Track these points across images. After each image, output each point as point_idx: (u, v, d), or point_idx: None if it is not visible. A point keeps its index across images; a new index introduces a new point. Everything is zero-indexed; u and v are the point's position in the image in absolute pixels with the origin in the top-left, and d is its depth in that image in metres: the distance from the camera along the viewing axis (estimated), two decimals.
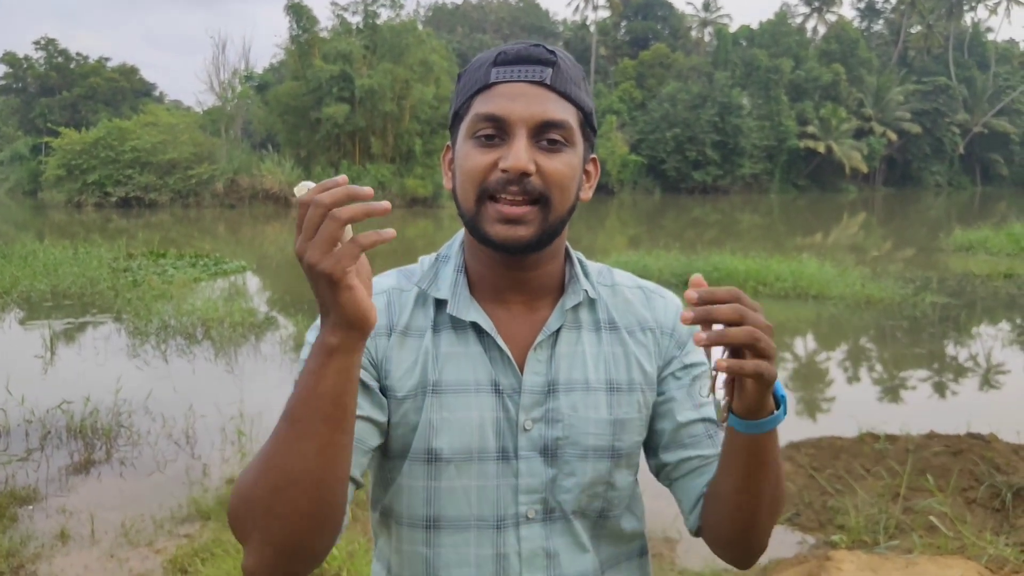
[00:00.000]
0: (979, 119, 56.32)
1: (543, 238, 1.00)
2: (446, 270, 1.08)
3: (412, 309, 1.07)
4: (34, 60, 56.40)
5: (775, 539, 4.53)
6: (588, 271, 1.12)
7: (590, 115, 1.04)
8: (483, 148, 0.99)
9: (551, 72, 0.99)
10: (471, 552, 1.03)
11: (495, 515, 1.04)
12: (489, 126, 0.98)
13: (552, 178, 0.98)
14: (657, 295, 1.15)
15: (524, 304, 1.07)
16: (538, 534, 1.04)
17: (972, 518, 4.22)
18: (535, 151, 0.98)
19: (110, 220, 27.49)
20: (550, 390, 1.05)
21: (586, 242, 20.08)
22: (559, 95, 0.99)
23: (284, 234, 24.16)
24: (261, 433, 5.60)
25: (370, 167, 35.61)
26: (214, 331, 9.02)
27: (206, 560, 3.75)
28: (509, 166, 0.96)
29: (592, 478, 1.05)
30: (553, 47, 1.01)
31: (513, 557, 1.03)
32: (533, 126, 0.97)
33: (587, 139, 1.05)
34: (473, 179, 0.99)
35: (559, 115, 0.98)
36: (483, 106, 0.99)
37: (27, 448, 5.42)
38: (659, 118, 45.71)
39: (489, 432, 1.03)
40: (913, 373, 8.27)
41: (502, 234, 0.98)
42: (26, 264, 13.17)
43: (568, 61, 1.02)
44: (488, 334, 1.04)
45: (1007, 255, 16.68)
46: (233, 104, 39.90)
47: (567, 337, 1.07)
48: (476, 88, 1.00)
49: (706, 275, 12.32)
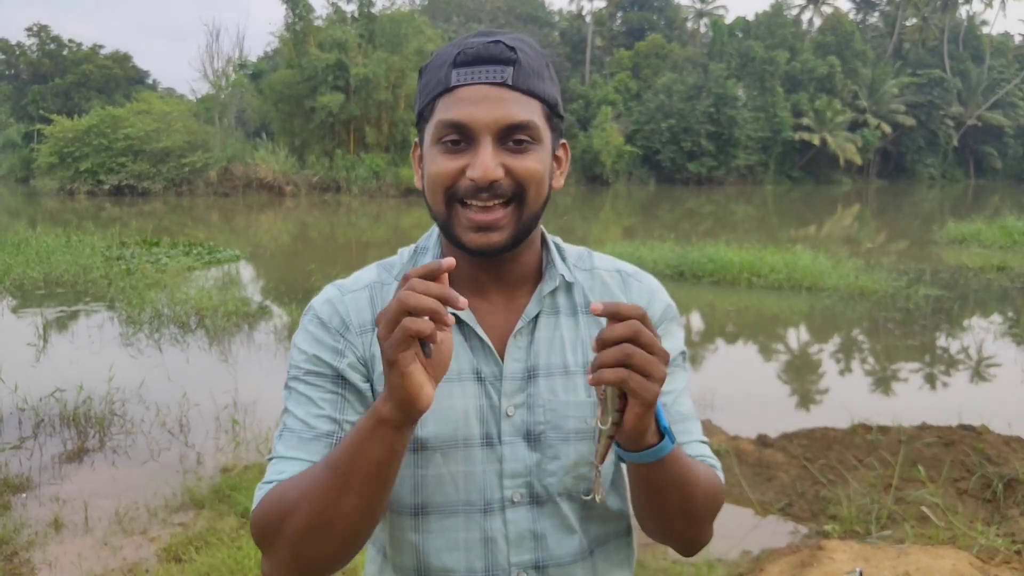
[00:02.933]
0: (973, 112, 56.38)
1: (518, 238, 1.01)
2: (424, 262, 1.09)
3: None
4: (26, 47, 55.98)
5: (768, 529, 4.56)
6: (566, 255, 1.13)
7: (556, 105, 1.04)
8: (449, 155, 0.99)
9: (512, 71, 0.98)
10: (459, 537, 1.05)
11: (482, 500, 1.05)
12: (453, 132, 0.98)
13: (522, 176, 0.99)
14: (634, 278, 1.16)
15: (503, 294, 1.09)
16: (524, 517, 1.06)
17: (963, 509, 4.24)
18: (502, 154, 0.98)
19: (103, 208, 27.37)
20: (530, 375, 1.06)
21: (581, 232, 20.07)
22: (522, 93, 0.99)
23: (278, 223, 24.10)
24: (255, 422, 5.61)
25: (365, 156, 35.50)
26: (208, 320, 9.00)
27: (200, 548, 3.75)
28: (476, 176, 0.96)
29: (575, 460, 1.06)
30: (513, 39, 1.00)
31: (501, 540, 1.05)
32: (497, 130, 0.97)
33: (554, 129, 1.04)
34: (441, 185, 0.99)
35: (523, 116, 0.98)
36: (446, 112, 0.98)
37: (20, 436, 5.41)
38: (654, 109, 45.64)
39: (473, 419, 1.04)
40: (906, 365, 8.31)
41: (476, 241, 0.99)
42: (19, 252, 13.12)
43: (530, 53, 1.01)
44: (468, 324, 1.05)
45: (1000, 248, 16.74)
46: (227, 92, 39.70)
47: (546, 323, 1.08)
48: (438, 91, 1.00)
49: (700, 266, 12.36)
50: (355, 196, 33.50)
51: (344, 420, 1.02)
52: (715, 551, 3.85)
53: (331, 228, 22.90)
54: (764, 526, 4.27)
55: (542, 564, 1.07)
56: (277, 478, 0.99)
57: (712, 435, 5.35)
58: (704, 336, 9.64)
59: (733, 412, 6.07)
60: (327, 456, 0.93)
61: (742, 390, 7.01)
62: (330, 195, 34.28)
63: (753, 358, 8.68)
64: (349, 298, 1.08)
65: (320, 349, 1.04)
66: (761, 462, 4.90)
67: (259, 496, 0.99)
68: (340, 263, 13.72)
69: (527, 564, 1.06)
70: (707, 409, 6.14)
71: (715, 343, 9.37)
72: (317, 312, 1.07)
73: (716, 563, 3.74)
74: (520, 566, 1.06)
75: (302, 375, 1.04)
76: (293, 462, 1.00)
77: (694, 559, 3.74)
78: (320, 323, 1.06)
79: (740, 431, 5.44)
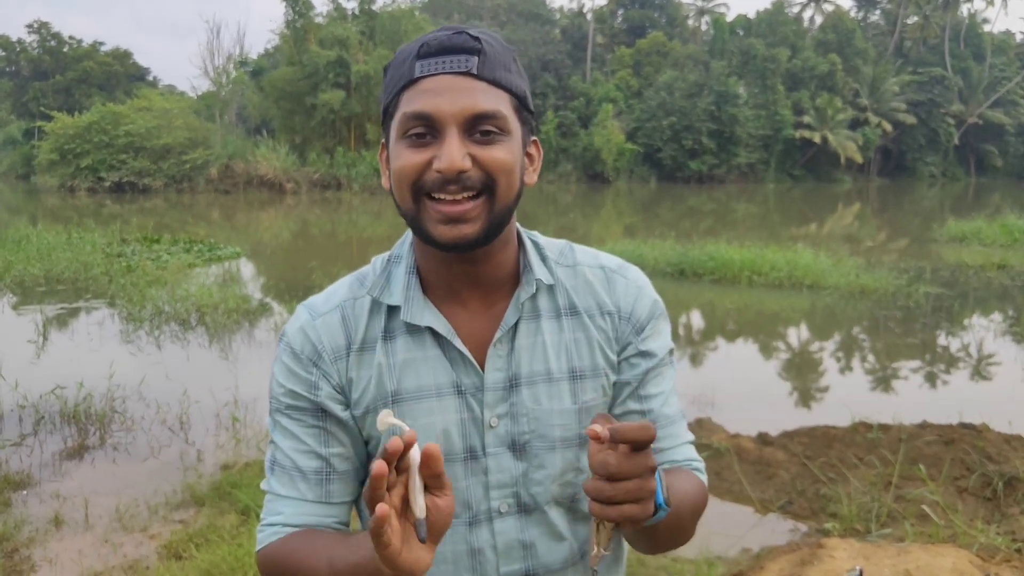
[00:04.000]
0: (974, 110, 56.30)
1: (490, 231, 0.97)
2: (398, 272, 1.05)
3: (368, 320, 1.05)
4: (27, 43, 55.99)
5: (768, 527, 4.55)
6: (546, 254, 1.09)
7: (524, 98, 1.00)
8: (415, 148, 0.95)
9: (477, 60, 0.94)
10: (446, 549, 1.04)
11: (467, 512, 1.04)
12: (418, 124, 0.94)
13: (491, 167, 0.95)
14: (618, 275, 1.11)
15: (481, 300, 1.05)
16: (512, 527, 1.05)
17: (963, 507, 4.24)
18: (469, 144, 0.94)
19: (104, 205, 27.36)
20: (512, 385, 1.03)
21: (582, 231, 20.07)
22: (488, 83, 0.95)
23: (279, 220, 24.09)
24: (255, 419, 5.61)
25: (365, 153, 35.49)
26: (208, 317, 9.00)
27: (200, 545, 3.75)
28: (443, 168, 0.92)
29: (562, 467, 1.05)
30: (478, 32, 0.98)
31: (488, 551, 1.04)
32: (463, 120, 0.93)
33: (525, 123, 1.01)
34: (408, 179, 0.96)
35: (489, 105, 0.94)
36: (410, 104, 0.95)
37: (21, 433, 5.41)
38: (655, 106, 45.58)
39: (454, 434, 1.02)
40: (906, 363, 8.30)
41: (446, 235, 0.95)
42: (19, 249, 13.12)
43: (496, 45, 0.98)
44: (446, 338, 1.02)
45: (1000, 246, 16.72)
46: (228, 89, 39.70)
47: (526, 328, 1.05)
48: (402, 84, 0.96)
49: (701, 264, 12.34)
50: (356, 193, 33.49)
51: (330, 454, 1.03)
52: (715, 549, 3.85)
53: (332, 225, 22.89)
54: (764, 524, 4.27)
55: (532, 572, 1.06)
56: (276, 520, 1.03)
57: (713, 433, 5.35)
58: (705, 334, 9.64)
59: (733, 410, 6.07)
60: (331, 563, 0.94)
61: (742, 388, 7.01)
62: (331, 192, 34.28)
63: (754, 356, 8.68)
64: (320, 323, 1.04)
65: (295, 383, 1.03)
66: (761, 460, 4.90)
67: (261, 540, 1.03)
68: (341, 260, 13.71)
69: (517, 574, 1.06)
70: (707, 407, 6.14)
71: (716, 341, 9.37)
72: (289, 341, 1.05)
73: (716, 561, 3.74)
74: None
75: (283, 409, 1.04)
76: (288, 501, 1.03)
77: (694, 556, 3.74)
78: (293, 354, 1.04)
79: (741, 429, 5.44)
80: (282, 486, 1.03)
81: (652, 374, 1.08)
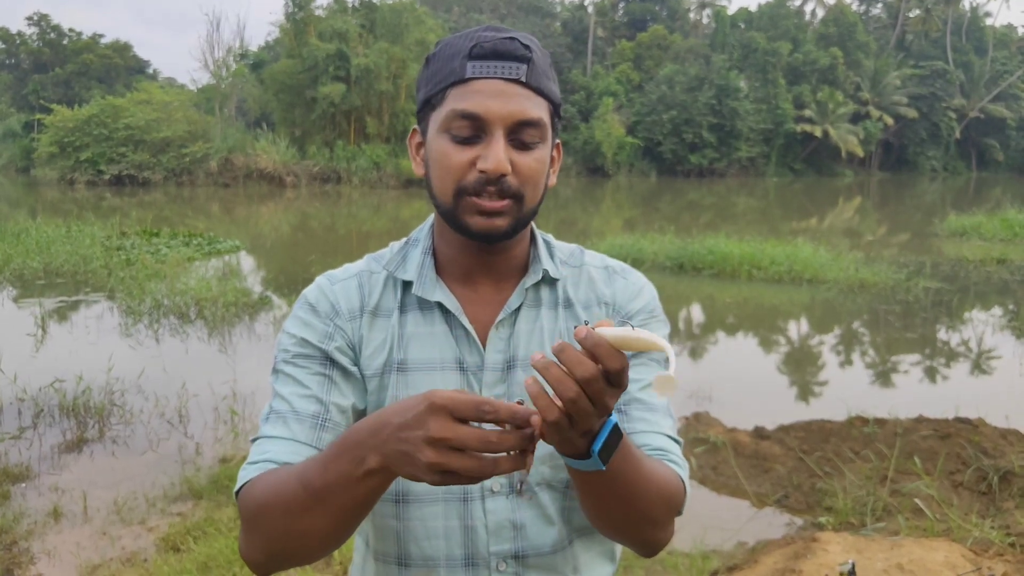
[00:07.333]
0: (976, 104, 56.21)
1: (517, 227, 1.04)
2: (414, 253, 1.12)
3: (382, 290, 1.11)
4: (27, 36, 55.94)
5: (764, 520, 4.56)
6: (555, 252, 1.15)
7: (559, 106, 1.07)
8: (460, 145, 1.00)
9: (527, 69, 1.00)
10: (439, 524, 1.06)
11: (461, 488, 1.06)
12: (467, 124, 0.99)
13: (526, 175, 1.01)
14: (620, 275, 1.17)
15: (491, 285, 1.11)
16: (503, 507, 1.07)
17: (959, 501, 4.26)
18: (510, 150, 1.00)
19: (103, 198, 27.36)
20: (509, 366, 1.08)
21: (582, 225, 20.07)
22: (534, 91, 1.01)
23: (278, 214, 24.09)
24: (254, 412, 5.62)
25: (365, 147, 35.47)
26: (207, 311, 9.01)
27: (198, 538, 3.77)
28: (489, 168, 0.98)
29: (553, 450, 1.02)
30: (527, 39, 1.02)
31: (480, 529, 1.06)
32: (510, 125, 0.99)
33: (554, 128, 1.07)
34: (452, 176, 1.01)
35: (535, 113, 1.00)
36: (460, 102, 0.99)
37: (19, 426, 5.43)
38: (656, 100, 45.52)
39: None
40: (904, 357, 8.31)
41: (480, 225, 1.01)
42: (18, 242, 13.13)
43: (540, 53, 1.03)
44: (453, 314, 1.07)
45: (1000, 240, 16.72)
46: (227, 82, 39.67)
47: (527, 315, 1.10)
48: (451, 80, 1.00)
49: (701, 258, 12.35)
50: (355, 187, 33.49)
51: (330, 402, 1.03)
52: (711, 542, 3.87)
53: (331, 219, 22.88)
54: (760, 518, 4.29)
55: (521, 554, 1.08)
56: (261, 458, 0.99)
57: (709, 427, 5.37)
58: (703, 328, 9.64)
59: (731, 404, 6.08)
60: (308, 477, 0.89)
61: (740, 382, 7.02)
62: (330, 186, 34.27)
63: (752, 350, 8.69)
64: (339, 286, 1.11)
65: (309, 332, 1.07)
66: (758, 454, 4.92)
67: (242, 477, 0.99)
68: (340, 254, 13.72)
69: (506, 553, 1.07)
70: (705, 401, 6.15)
71: (714, 335, 9.38)
72: (308, 299, 1.10)
73: (711, 554, 3.76)
74: (500, 555, 1.07)
75: (290, 358, 1.06)
76: (276, 441, 1.00)
77: (689, 550, 3.75)
78: (310, 308, 1.09)
79: (737, 423, 5.45)
80: (274, 428, 1.01)
81: (636, 362, 1.09)
